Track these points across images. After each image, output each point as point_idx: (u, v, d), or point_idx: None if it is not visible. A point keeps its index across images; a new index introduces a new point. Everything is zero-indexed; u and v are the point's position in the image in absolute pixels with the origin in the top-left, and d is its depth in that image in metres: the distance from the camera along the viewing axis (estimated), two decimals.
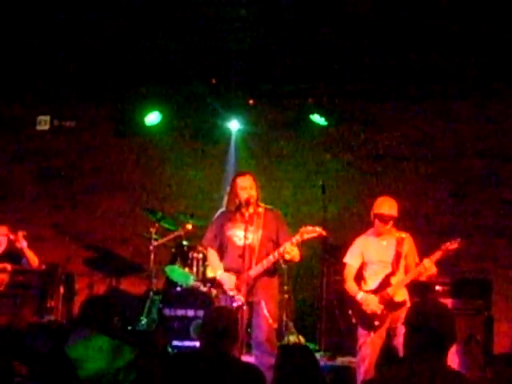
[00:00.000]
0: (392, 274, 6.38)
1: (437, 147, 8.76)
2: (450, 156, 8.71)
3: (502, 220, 8.53)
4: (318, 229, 6.17)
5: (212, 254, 6.53)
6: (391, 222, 6.41)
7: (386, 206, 6.40)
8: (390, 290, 6.30)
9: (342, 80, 8.58)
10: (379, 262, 6.45)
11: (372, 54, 8.13)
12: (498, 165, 8.58)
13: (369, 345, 6.29)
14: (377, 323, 6.28)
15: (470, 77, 8.37)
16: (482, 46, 7.79)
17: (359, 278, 6.57)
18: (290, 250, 6.14)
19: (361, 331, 6.39)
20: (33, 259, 7.35)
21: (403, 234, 6.49)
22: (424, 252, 6.32)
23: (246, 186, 6.28)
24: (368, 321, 6.31)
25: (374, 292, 6.37)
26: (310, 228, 6.13)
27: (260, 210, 6.35)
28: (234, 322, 4.51)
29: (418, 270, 6.25)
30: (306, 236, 6.14)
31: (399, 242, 6.44)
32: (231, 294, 6.23)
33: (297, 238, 6.14)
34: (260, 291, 6.22)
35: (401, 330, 6.15)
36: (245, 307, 6.13)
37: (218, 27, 7.76)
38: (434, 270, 6.23)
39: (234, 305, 6.17)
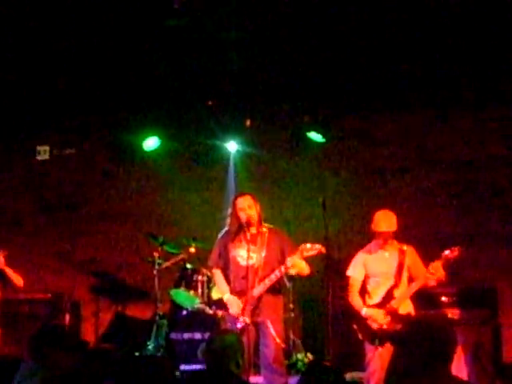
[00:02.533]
0: (395, 286, 6.38)
1: (435, 158, 8.76)
2: (449, 166, 8.71)
3: (507, 228, 8.51)
4: (318, 246, 6.20)
5: (218, 276, 6.57)
6: (391, 237, 6.43)
7: (384, 223, 6.41)
8: (394, 303, 6.29)
9: (337, 96, 8.63)
10: (382, 274, 6.46)
11: (365, 69, 8.19)
12: (500, 173, 8.58)
13: (377, 359, 6.28)
14: (382, 337, 6.28)
15: (466, 86, 8.41)
16: (478, 56, 7.85)
17: (363, 291, 6.58)
18: (294, 264, 6.15)
19: (368, 346, 6.39)
20: (16, 279, 7.27)
21: (404, 246, 6.51)
22: (426, 263, 6.33)
23: (245, 207, 6.32)
24: (374, 335, 6.30)
25: (379, 306, 6.36)
26: (309, 246, 6.16)
27: (263, 229, 6.39)
28: (238, 343, 4.54)
29: (425, 277, 6.24)
30: (305, 254, 6.17)
31: (401, 254, 6.46)
32: (236, 315, 6.25)
33: (297, 256, 6.16)
34: (265, 311, 6.24)
35: None
36: (250, 328, 6.16)
37: (212, 50, 7.83)
38: (442, 272, 6.22)
39: (239, 326, 6.20)
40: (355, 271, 6.58)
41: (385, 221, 6.43)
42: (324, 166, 8.97)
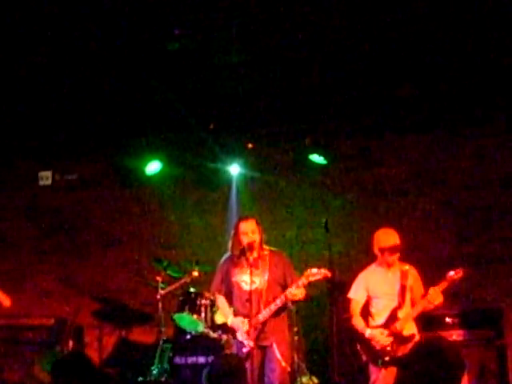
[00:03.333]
0: (399, 307, 6.38)
1: (438, 180, 8.76)
2: (452, 188, 8.71)
3: (508, 248, 8.50)
4: (324, 270, 6.22)
5: (221, 301, 6.57)
6: (397, 251, 6.42)
7: (391, 237, 6.45)
8: (398, 325, 6.28)
9: (338, 118, 8.66)
10: (385, 294, 6.45)
11: (367, 91, 8.21)
12: (502, 196, 8.58)
13: (381, 381, 6.26)
14: (387, 359, 6.25)
15: (468, 110, 8.43)
16: (480, 79, 7.88)
17: (366, 313, 6.57)
18: (296, 294, 6.15)
19: (372, 368, 6.37)
20: (3, 298, 7.24)
21: (406, 266, 6.51)
22: (430, 285, 6.32)
23: (248, 231, 6.34)
24: (378, 357, 6.28)
25: (383, 327, 6.35)
26: (315, 270, 6.18)
27: (265, 252, 6.39)
28: (240, 368, 4.53)
29: (427, 300, 6.24)
30: (311, 278, 6.18)
31: (404, 275, 6.46)
32: (241, 339, 6.23)
33: (302, 281, 6.19)
34: (271, 334, 6.25)
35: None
36: (255, 352, 6.14)
37: (213, 74, 7.86)
38: (440, 299, 6.23)
39: (244, 350, 6.18)
40: (357, 294, 6.59)
41: (388, 236, 6.46)
42: (326, 187, 8.97)
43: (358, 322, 6.50)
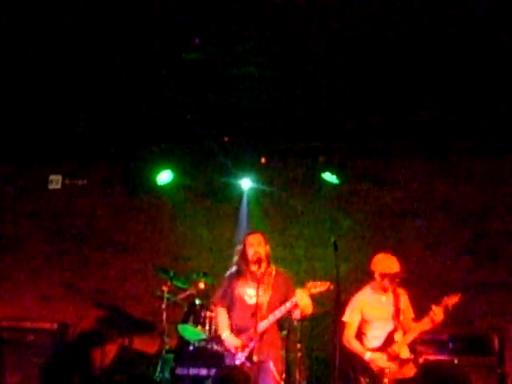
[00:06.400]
0: (395, 330, 6.42)
1: (447, 204, 8.80)
2: (460, 213, 8.75)
3: None
4: (326, 283, 6.22)
5: (222, 314, 6.58)
6: (398, 278, 6.46)
7: (394, 264, 6.48)
8: (396, 348, 6.30)
9: (353, 138, 8.69)
10: (380, 319, 6.48)
11: (382, 113, 8.24)
12: (508, 221, 8.61)
13: None
14: (386, 381, 6.26)
15: (478, 134, 8.47)
16: (489, 103, 7.92)
17: (359, 335, 6.58)
18: (301, 298, 6.13)
19: None
20: None
21: (399, 290, 6.53)
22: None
23: (254, 244, 6.37)
24: (377, 380, 6.28)
25: (379, 350, 6.36)
26: (318, 283, 6.19)
27: (271, 270, 6.41)
28: (245, 381, 4.55)
29: (429, 318, 6.26)
30: (313, 290, 6.17)
31: (397, 298, 6.51)
32: (232, 351, 6.24)
33: (305, 292, 6.17)
34: (266, 349, 6.23)
35: None
36: (248, 365, 6.13)
37: (230, 86, 7.87)
38: (441, 317, 6.25)
39: (237, 362, 6.18)
40: (352, 317, 6.61)
41: (391, 262, 6.50)
42: (337, 207, 9.00)
43: (354, 344, 6.52)
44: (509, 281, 8.53)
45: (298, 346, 7.97)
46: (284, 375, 6.76)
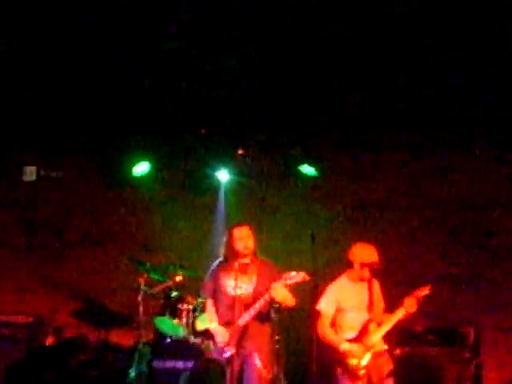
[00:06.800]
0: (370, 321, 6.40)
1: (425, 196, 8.82)
2: (437, 205, 8.77)
3: (489, 268, 8.57)
4: (302, 273, 6.22)
5: (210, 305, 6.61)
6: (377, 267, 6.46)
7: (374, 254, 6.47)
8: (371, 339, 6.30)
9: (331, 130, 8.69)
10: (355, 308, 6.46)
11: (359, 105, 8.25)
12: (486, 214, 8.65)
13: None
14: (362, 372, 6.26)
15: (460, 130, 8.50)
16: (468, 98, 7.96)
17: (333, 326, 6.54)
18: (277, 292, 6.13)
19: (345, 381, 6.35)
20: None
21: (374, 280, 6.55)
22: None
23: (243, 237, 6.37)
24: (352, 371, 6.27)
25: (355, 340, 6.35)
26: (293, 273, 6.20)
27: (257, 261, 6.41)
28: (220, 374, 4.55)
29: (404, 309, 6.28)
30: (289, 281, 6.18)
31: (370, 287, 6.50)
32: (221, 345, 6.23)
33: (281, 283, 6.17)
34: (251, 341, 6.26)
35: (387, 382, 6.19)
36: (236, 358, 6.14)
37: (207, 77, 7.86)
38: (414, 308, 6.29)
39: (225, 356, 6.18)
40: (327, 305, 6.55)
41: (371, 252, 6.48)
42: (314, 199, 8.99)
43: (329, 334, 6.47)
44: (485, 273, 8.59)
45: (276, 337, 7.97)
46: (270, 367, 6.71)
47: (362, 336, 6.36)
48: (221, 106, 8.30)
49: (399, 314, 6.32)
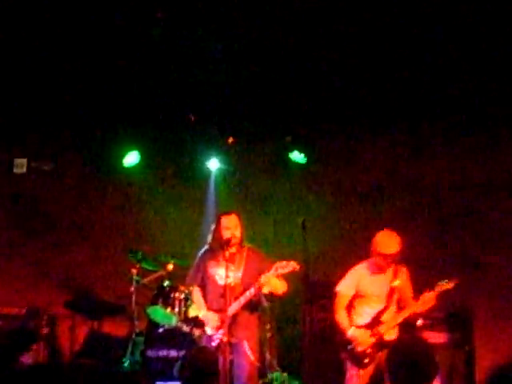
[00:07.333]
0: (384, 310, 6.35)
1: (417, 182, 8.81)
2: (430, 190, 8.77)
3: (482, 253, 8.57)
4: (293, 263, 6.22)
5: (196, 293, 6.60)
6: (397, 258, 6.39)
7: (391, 245, 6.33)
8: (381, 328, 6.25)
9: (320, 118, 8.67)
10: (373, 295, 6.40)
11: (349, 90, 8.23)
12: (478, 197, 8.65)
13: (357, 380, 6.26)
14: (366, 361, 6.24)
15: (449, 113, 8.48)
16: (461, 83, 7.93)
17: (349, 308, 6.52)
18: (267, 282, 6.16)
19: (349, 365, 6.35)
20: None
21: (400, 268, 6.47)
22: None
23: (230, 226, 6.35)
24: (357, 357, 6.27)
25: (366, 327, 6.33)
26: (284, 263, 6.19)
27: (243, 249, 6.41)
28: (213, 362, 4.56)
29: (420, 303, 6.25)
30: (280, 271, 6.18)
31: (395, 276, 6.42)
32: (210, 333, 6.25)
33: (272, 273, 6.18)
34: (240, 330, 6.27)
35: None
36: (226, 346, 6.16)
37: (197, 65, 7.83)
38: (433, 302, 6.27)
39: (213, 344, 6.20)
40: (346, 288, 6.49)
41: (392, 244, 6.35)
42: (305, 186, 8.98)
43: (342, 318, 6.42)
44: (477, 258, 8.59)
45: (268, 326, 8.01)
46: (260, 355, 6.75)
47: (374, 324, 6.32)
48: (210, 94, 8.26)
49: (414, 306, 6.29)
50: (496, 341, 8.24)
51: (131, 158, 8.91)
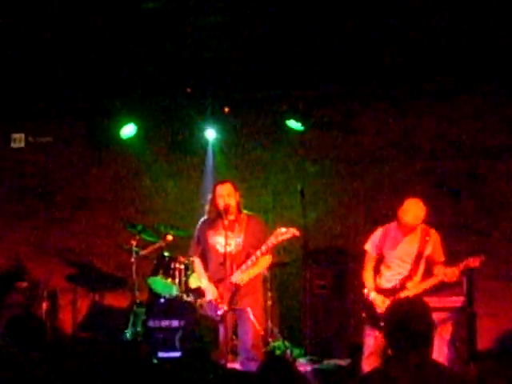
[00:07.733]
0: (409, 277, 6.26)
1: (416, 148, 8.74)
2: (429, 158, 8.71)
3: (482, 217, 8.56)
4: (292, 229, 6.22)
5: (197, 264, 6.60)
6: (414, 229, 6.29)
7: (412, 215, 6.22)
8: (403, 294, 6.19)
9: (318, 84, 8.61)
10: (398, 259, 6.32)
11: (347, 57, 8.16)
12: (479, 163, 8.59)
13: (374, 344, 6.24)
14: (382, 324, 6.23)
15: (449, 80, 8.42)
16: (457, 46, 7.86)
17: (376, 268, 6.45)
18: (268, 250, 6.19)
19: (367, 328, 6.34)
20: None
21: (430, 233, 6.36)
22: None
23: (224, 194, 6.33)
24: (376, 320, 6.23)
25: (389, 292, 6.26)
26: (283, 229, 6.20)
27: (242, 216, 6.40)
28: (214, 329, 4.57)
29: (444, 276, 6.21)
30: (280, 238, 6.20)
31: (423, 241, 6.31)
32: (214, 302, 6.26)
33: (271, 241, 6.20)
34: (244, 297, 6.27)
35: None
36: (229, 314, 6.18)
37: (192, 36, 7.75)
38: (455, 278, 6.23)
39: (219, 313, 6.22)
40: (372, 247, 6.42)
41: (414, 213, 6.24)
42: (303, 154, 8.94)
43: (368, 278, 6.37)
44: (477, 222, 8.58)
45: (269, 294, 8.04)
46: (264, 323, 6.73)
47: (397, 289, 6.28)
48: (206, 63, 8.19)
49: (440, 277, 6.25)
50: (497, 304, 8.28)
51: (128, 130, 8.87)
